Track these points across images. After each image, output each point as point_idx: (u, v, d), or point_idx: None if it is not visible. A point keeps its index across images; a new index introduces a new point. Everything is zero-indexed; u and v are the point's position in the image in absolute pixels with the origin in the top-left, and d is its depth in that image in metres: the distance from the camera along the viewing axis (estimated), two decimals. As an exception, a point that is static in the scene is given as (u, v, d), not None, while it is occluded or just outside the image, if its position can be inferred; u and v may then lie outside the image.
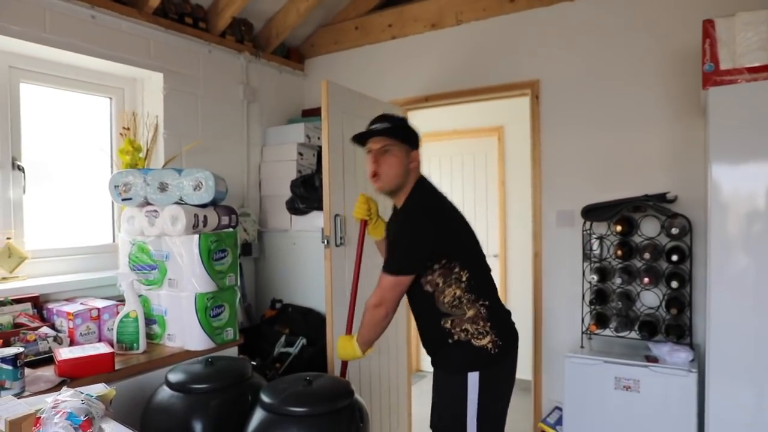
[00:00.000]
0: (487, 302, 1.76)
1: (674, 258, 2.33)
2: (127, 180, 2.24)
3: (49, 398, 1.41)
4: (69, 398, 1.40)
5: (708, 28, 2.02)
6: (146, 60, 2.82)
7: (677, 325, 2.39)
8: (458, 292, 1.75)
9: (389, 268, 1.75)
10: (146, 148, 2.84)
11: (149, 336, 2.24)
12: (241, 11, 3.20)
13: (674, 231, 2.36)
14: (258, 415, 1.65)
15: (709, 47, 2.01)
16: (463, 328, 1.74)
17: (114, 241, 2.84)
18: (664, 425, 2.22)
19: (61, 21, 2.43)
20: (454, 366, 1.76)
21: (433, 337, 1.82)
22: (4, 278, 2.32)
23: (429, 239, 1.72)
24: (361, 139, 1.89)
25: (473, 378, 1.71)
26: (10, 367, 1.67)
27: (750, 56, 1.93)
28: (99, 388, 1.54)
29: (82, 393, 1.45)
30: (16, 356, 1.69)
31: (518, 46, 3.05)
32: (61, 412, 1.33)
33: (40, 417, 1.32)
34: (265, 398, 1.66)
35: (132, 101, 2.95)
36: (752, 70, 1.94)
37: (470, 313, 1.74)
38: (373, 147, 1.84)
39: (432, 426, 1.84)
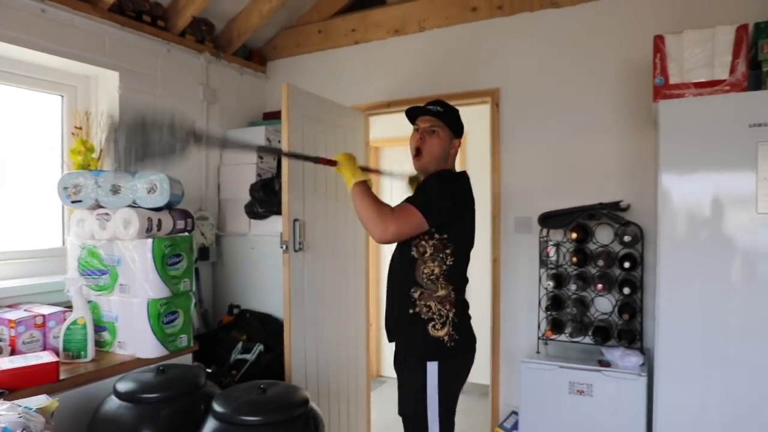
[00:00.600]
0: (457, 292, 1.84)
1: (626, 265, 2.40)
2: (77, 181, 2.16)
3: (-16, 412, 1.34)
4: (5, 412, 1.34)
5: (659, 44, 2.09)
6: (101, 57, 2.73)
7: (629, 330, 2.46)
8: (437, 270, 1.81)
9: (417, 201, 1.77)
10: (99, 149, 2.75)
11: (98, 343, 2.16)
12: (201, 11, 3.13)
13: (626, 239, 2.43)
14: (210, 425, 1.61)
15: (660, 62, 2.08)
16: (428, 303, 1.80)
17: (63, 244, 2.73)
18: (615, 428, 2.27)
19: (8, 14, 2.33)
20: (413, 349, 1.84)
21: (397, 301, 1.87)
22: (-58, 283, 2.20)
23: (452, 204, 1.79)
24: (413, 115, 1.95)
25: (432, 367, 1.77)
26: (-58, 379, 1.58)
27: (696, 72, 2.01)
28: (40, 400, 1.48)
29: (20, 406, 1.39)
30: (-50, 367, 1.61)
31: (480, 54, 3.10)
32: (-5, 427, 1.27)
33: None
34: (217, 407, 1.62)
35: (85, 100, 2.85)
36: (698, 84, 2.02)
37: (441, 292, 1.81)
38: (423, 125, 1.90)
39: (398, 411, 1.91)
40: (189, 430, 1.68)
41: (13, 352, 2.01)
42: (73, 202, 2.18)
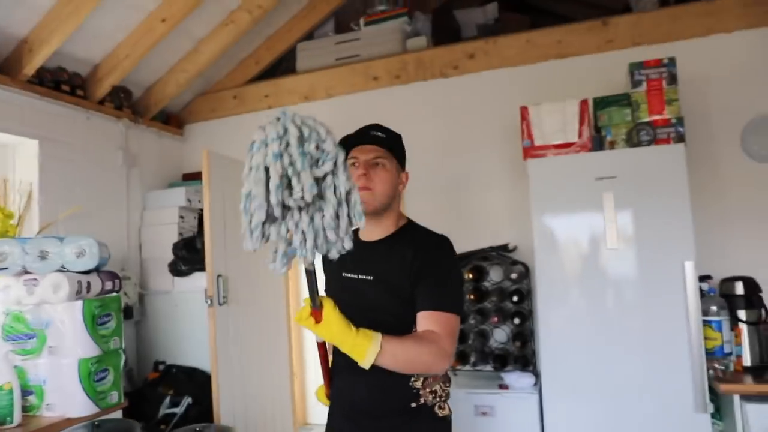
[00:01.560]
0: None
1: (515, 299, 2.80)
2: (2, 249, 2.23)
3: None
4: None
5: (524, 113, 2.56)
6: (19, 127, 2.83)
7: (523, 355, 2.83)
8: None
9: (454, 305, 1.37)
10: (18, 215, 2.80)
11: (25, 408, 2.19)
12: (120, 80, 3.31)
13: (513, 276, 2.83)
14: (149, 470, 1.74)
15: (526, 128, 2.55)
16: (433, 389, 1.45)
17: (-21, 312, 2.71)
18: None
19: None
20: None
21: (392, 398, 1.43)
22: None
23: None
24: (348, 145, 1.50)
25: None
26: None
27: (554, 135, 2.49)
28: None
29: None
30: None
31: (380, 117, 3.43)
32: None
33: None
34: (156, 452, 1.76)
35: (2, 167, 2.91)
36: (556, 146, 2.49)
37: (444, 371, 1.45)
38: (363, 156, 1.48)
39: None
40: (127, 478, 1.79)
41: (-65, 423, 2.01)
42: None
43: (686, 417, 2.22)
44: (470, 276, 2.93)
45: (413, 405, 1.42)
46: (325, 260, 1.56)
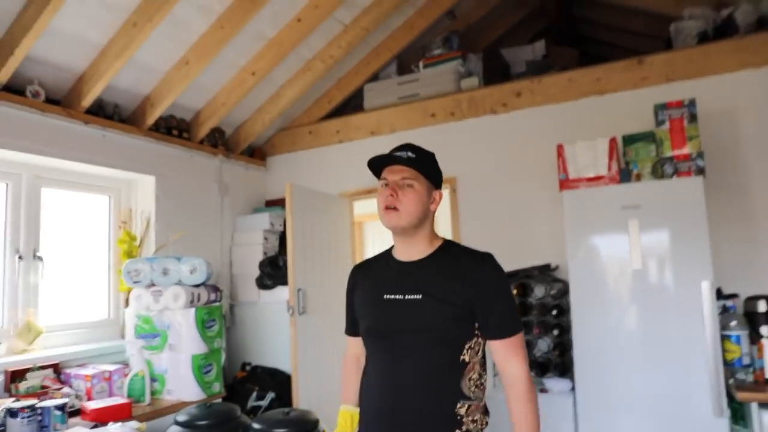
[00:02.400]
0: (486, 383, 1.52)
1: (554, 312, 3.13)
2: (137, 267, 2.86)
3: (102, 430, 1.98)
4: (119, 428, 1.98)
5: (560, 150, 2.93)
6: (140, 166, 3.49)
7: (561, 363, 3.16)
8: (479, 368, 1.47)
9: (519, 322, 1.48)
10: (140, 238, 3.46)
11: (152, 391, 2.79)
12: (217, 122, 3.95)
13: (553, 293, 3.17)
14: (250, 439, 2.25)
15: (562, 163, 2.91)
16: (475, 418, 1.43)
17: (109, 316, 3.38)
18: (554, 440, 2.93)
19: (79, 141, 3.09)
20: None
21: (436, 424, 1.41)
22: (24, 350, 2.83)
23: None
24: (378, 165, 1.56)
25: None
26: (60, 413, 2.22)
27: (586, 170, 2.84)
28: (134, 423, 2.12)
29: (126, 425, 2.03)
30: (64, 405, 2.25)
31: (439, 149, 3.88)
32: (119, 435, 1.91)
33: (105, 439, 1.90)
34: (255, 425, 2.27)
35: (127, 199, 3.59)
36: (588, 179, 2.84)
37: (484, 398, 1.48)
38: (392, 178, 1.51)
39: None
40: (232, 446, 2.31)
41: (89, 399, 2.63)
42: (134, 282, 2.86)
43: (706, 422, 2.48)
44: (516, 291, 3.30)
45: None
46: (357, 285, 1.65)
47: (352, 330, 1.72)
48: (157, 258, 2.93)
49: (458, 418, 1.40)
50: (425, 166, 1.54)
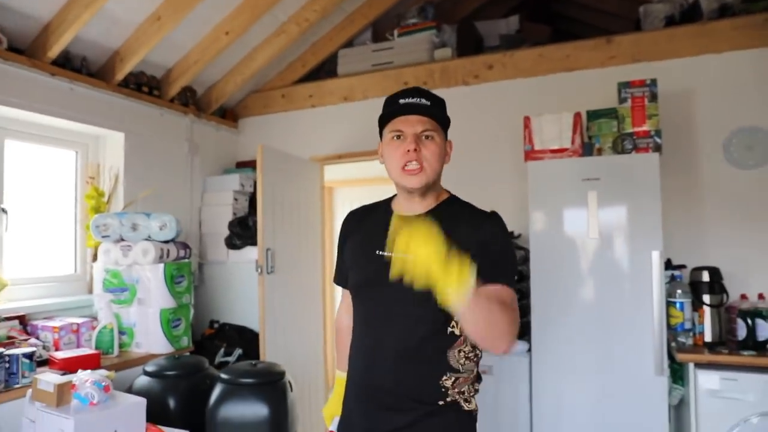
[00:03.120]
0: (481, 354, 1.42)
1: (515, 278, 3.27)
2: (106, 222, 2.86)
3: (74, 376, 2.02)
4: (89, 375, 2.02)
5: (526, 122, 3.02)
6: (109, 122, 3.44)
7: (522, 326, 3.31)
8: (472, 342, 1.36)
9: (510, 278, 1.29)
10: (108, 194, 3.43)
11: (120, 344, 2.83)
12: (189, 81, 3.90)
13: (514, 259, 3.31)
14: (219, 389, 2.32)
15: (528, 134, 3.01)
16: (462, 389, 1.35)
17: (76, 270, 3.37)
18: (508, 395, 3.09)
19: (44, 92, 3.02)
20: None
21: (419, 394, 1.33)
22: (-11, 301, 2.82)
23: None
24: (393, 114, 1.34)
25: None
26: (28, 361, 2.25)
27: (551, 142, 2.95)
28: (104, 372, 2.16)
29: (96, 372, 2.07)
30: (32, 353, 2.28)
31: (410, 118, 3.99)
32: (88, 381, 1.96)
33: (74, 384, 1.94)
34: (223, 375, 2.35)
35: (95, 154, 3.54)
36: (553, 151, 2.95)
37: (475, 370, 1.39)
38: (410, 130, 1.31)
39: None
40: (201, 396, 2.38)
41: (56, 350, 2.65)
42: (102, 236, 2.86)
43: (648, 379, 2.68)
44: (478, 258, 3.43)
45: (440, 403, 1.32)
46: (349, 234, 1.51)
47: (341, 280, 1.55)
48: (126, 213, 2.93)
49: (443, 390, 1.32)
50: (441, 114, 1.36)
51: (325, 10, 3.73)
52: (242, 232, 3.80)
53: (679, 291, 2.82)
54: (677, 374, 2.81)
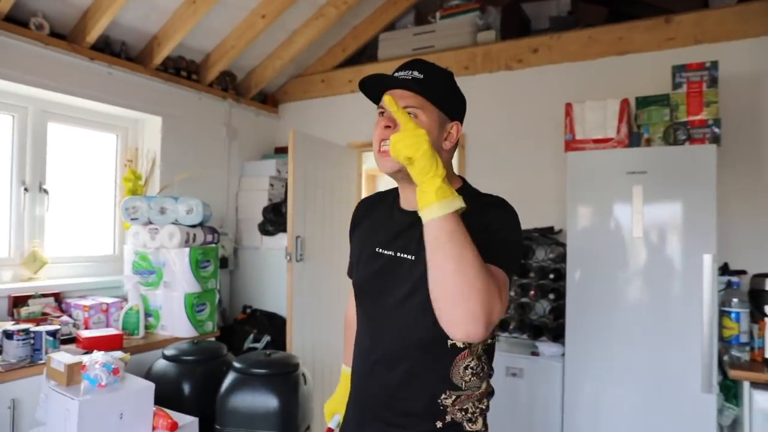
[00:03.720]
0: (493, 371, 1.28)
1: (551, 276, 3.08)
2: (135, 204, 2.89)
3: (86, 357, 2.04)
4: (101, 356, 2.04)
5: (568, 109, 2.80)
6: (147, 106, 3.49)
7: (556, 328, 3.12)
8: (483, 357, 1.22)
9: (506, 262, 1.09)
10: (145, 177, 3.49)
11: (146, 326, 2.87)
12: (226, 65, 3.91)
13: (552, 256, 3.11)
14: (230, 377, 2.30)
15: (569, 122, 2.79)
16: (465, 407, 1.20)
17: (114, 252, 3.46)
18: (539, 401, 2.92)
19: (83, 76, 3.09)
20: None
21: (415, 409, 1.20)
22: (30, 278, 2.93)
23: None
24: (372, 89, 1.22)
25: None
26: (51, 338, 2.30)
27: (594, 131, 2.72)
28: (119, 353, 2.18)
29: (109, 354, 2.09)
30: (56, 331, 2.33)
31: (450, 105, 3.82)
32: (98, 362, 1.97)
33: (84, 365, 1.96)
34: (236, 364, 2.32)
35: (134, 138, 3.61)
36: (595, 141, 2.72)
37: (483, 387, 1.23)
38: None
39: None
40: (215, 382, 2.37)
41: (86, 328, 2.72)
42: (131, 219, 2.91)
43: (695, 396, 2.44)
44: (513, 253, 3.24)
45: (438, 425, 1.18)
46: (359, 224, 1.42)
47: (350, 272, 1.44)
48: (155, 197, 2.96)
49: (441, 409, 1.17)
50: (436, 89, 1.18)
51: (363, -9, 3.63)
52: (275, 219, 3.78)
53: (735, 300, 2.54)
54: (731, 392, 2.54)
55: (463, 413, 1.19)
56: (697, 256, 2.45)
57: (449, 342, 1.16)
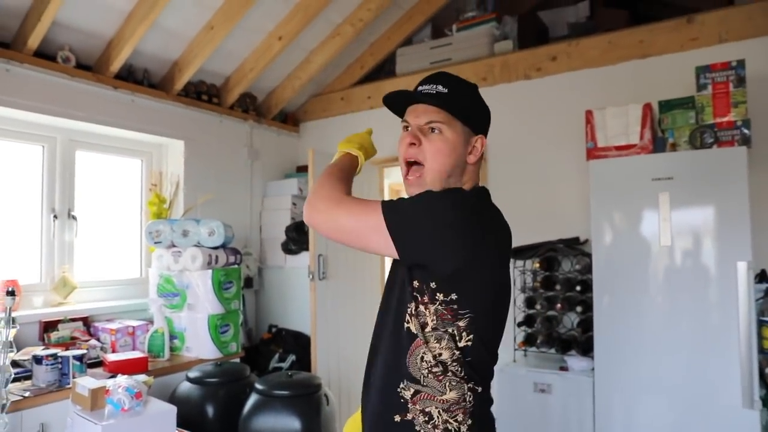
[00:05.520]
0: (480, 388, 1.16)
1: (578, 288, 2.99)
2: (158, 228, 2.94)
3: (110, 381, 2.07)
4: (125, 381, 2.06)
5: (588, 116, 2.74)
6: (170, 130, 3.56)
7: (585, 341, 3.02)
8: (445, 356, 1.12)
9: (389, 204, 1.11)
10: (169, 201, 3.55)
11: (171, 348, 2.90)
12: (246, 87, 3.97)
13: (578, 267, 3.02)
14: (252, 399, 2.29)
15: (590, 130, 2.73)
16: (427, 410, 1.11)
17: (141, 275, 3.52)
18: (569, 418, 2.83)
19: (109, 105, 3.18)
20: None
21: (378, 395, 1.21)
22: (60, 303, 3.00)
23: (462, 242, 1.08)
24: (397, 103, 1.24)
25: None
26: (78, 363, 2.34)
27: (616, 138, 2.65)
28: (142, 377, 2.20)
29: (132, 378, 2.11)
30: (82, 356, 2.37)
31: (470, 117, 3.79)
32: (121, 387, 1.99)
33: (108, 389, 1.98)
34: (258, 386, 2.32)
35: (158, 162, 3.69)
36: (618, 147, 2.65)
37: (450, 394, 1.12)
38: (414, 121, 1.18)
39: None
40: (238, 404, 2.37)
41: (113, 351, 2.76)
42: (155, 242, 2.95)
43: (735, 412, 2.31)
44: (537, 266, 3.17)
45: (396, 419, 1.13)
46: None
47: None
48: (177, 220, 3.00)
49: (402, 401, 1.13)
50: (461, 104, 1.18)
51: (379, 8, 3.64)
52: (298, 237, 3.79)
53: (773, 307, 2.42)
54: (774, 405, 2.41)
55: (426, 418, 1.11)
56: (731, 264, 2.34)
57: (405, 326, 1.16)
